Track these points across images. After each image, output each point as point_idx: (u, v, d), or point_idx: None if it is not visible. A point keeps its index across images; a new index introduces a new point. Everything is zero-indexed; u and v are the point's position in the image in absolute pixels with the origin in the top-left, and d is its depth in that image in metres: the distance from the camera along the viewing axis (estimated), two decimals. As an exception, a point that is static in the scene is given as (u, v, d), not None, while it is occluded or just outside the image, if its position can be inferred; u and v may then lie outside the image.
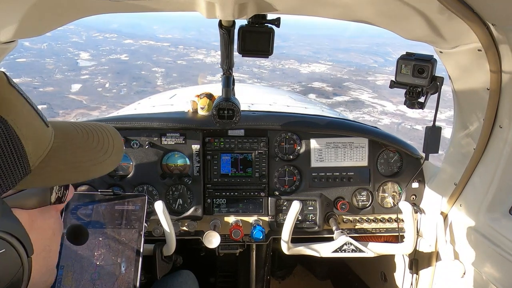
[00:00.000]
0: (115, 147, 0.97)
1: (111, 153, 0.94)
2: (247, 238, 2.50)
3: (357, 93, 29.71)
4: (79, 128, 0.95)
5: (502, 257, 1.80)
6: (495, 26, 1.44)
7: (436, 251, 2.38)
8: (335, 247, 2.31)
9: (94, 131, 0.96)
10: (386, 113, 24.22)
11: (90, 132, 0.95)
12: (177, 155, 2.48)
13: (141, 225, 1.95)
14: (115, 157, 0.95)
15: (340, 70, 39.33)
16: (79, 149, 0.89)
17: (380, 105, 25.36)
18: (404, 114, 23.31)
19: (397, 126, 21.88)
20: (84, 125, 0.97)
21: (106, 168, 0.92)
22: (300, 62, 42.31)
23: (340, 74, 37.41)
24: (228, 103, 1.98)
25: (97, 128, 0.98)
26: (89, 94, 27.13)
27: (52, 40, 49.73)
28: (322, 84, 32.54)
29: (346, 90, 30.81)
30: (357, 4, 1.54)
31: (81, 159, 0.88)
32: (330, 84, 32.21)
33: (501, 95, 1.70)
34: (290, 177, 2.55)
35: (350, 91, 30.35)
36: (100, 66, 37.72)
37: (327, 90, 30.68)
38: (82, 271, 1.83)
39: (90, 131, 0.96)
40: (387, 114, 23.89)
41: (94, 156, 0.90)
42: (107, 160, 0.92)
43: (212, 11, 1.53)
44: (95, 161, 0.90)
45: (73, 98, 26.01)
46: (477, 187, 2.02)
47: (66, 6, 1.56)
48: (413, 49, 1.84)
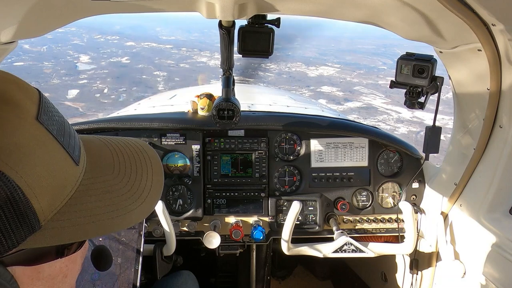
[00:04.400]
0: (152, 189, 0.79)
1: (145, 198, 0.77)
2: (247, 239, 2.50)
3: (369, 98, 28.92)
4: (116, 154, 0.79)
5: (502, 257, 1.80)
6: (495, 26, 1.44)
7: (436, 251, 2.38)
8: (336, 247, 2.31)
9: (134, 161, 0.80)
10: (402, 120, 23.27)
11: (128, 163, 0.79)
12: (177, 156, 2.48)
13: (141, 225, 1.95)
14: (148, 205, 0.77)
15: (350, 73, 38.50)
16: (108, 194, 0.73)
17: (395, 112, 24.53)
18: (422, 121, 21.94)
19: (415, 136, 20.31)
20: (123, 149, 0.81)
21: (134, 219, 0.75)
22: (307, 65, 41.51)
23: (349, 78, 36.62)
24: (228, 103, 1.99)
25: (138, 158, 0.81)
26: (86, 100, 26.46)
27: (52, 43, 49.31)
28: (331, 88, 31.80)
29: (358, 95, 30.00)
30: (357, 5, 1.54)
31: (106, 209, 0.71)
32: (340, 89, 31.48)
33: (501, 95, 1.70)
34: (290, 178, 2.55)
35: (361, 96, 29.58)
36: (100, 70, 37.11)
37: (338, 95, 29.97)
38: (82, 271, 1.83)
39: (129, 161, 0.80)
40: (403, 122, 22.96)
41: (122, 204, 0.74)
42: (137, 208, 0.75)
43: (212, 11, 1.53)
44: (123, 211, 0.73)
45: (69, 105, 25.08)
46: (477, 187, 2.01)
47: (66, 7, 1.56)
48: (420, 50, 1.84)
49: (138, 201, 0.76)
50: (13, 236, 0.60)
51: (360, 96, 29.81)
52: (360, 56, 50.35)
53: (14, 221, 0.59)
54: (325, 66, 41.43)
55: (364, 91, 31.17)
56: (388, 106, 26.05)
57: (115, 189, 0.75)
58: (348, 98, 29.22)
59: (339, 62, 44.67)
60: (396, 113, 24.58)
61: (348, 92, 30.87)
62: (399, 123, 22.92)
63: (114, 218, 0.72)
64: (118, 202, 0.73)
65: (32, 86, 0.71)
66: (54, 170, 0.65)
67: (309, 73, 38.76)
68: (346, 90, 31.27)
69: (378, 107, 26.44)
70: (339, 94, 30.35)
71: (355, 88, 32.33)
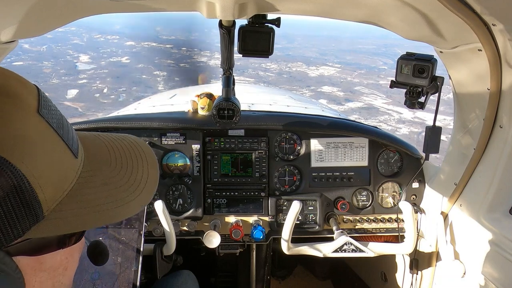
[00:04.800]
0: (148, 182, 0.83)
1: (142, 190, 0.81)
2: (247, 238, 2.50)
3: (370, 98, 28.62)
4: (112, 149, 0.82)
5: (502, 257, 1.80)
6: (495, 26, 1.44)
7: (436, 251, 2.38)
8: (336, 247, 2.31)
9: (129, 155, 0.84)
10: (404, 121, 22.94)
11: (124, 157, 0.83)
12: (177, 155, 2.48)
13: (141, 225, 1.95)
14: (145, 196, 0.81)
15: (350, 73, 38.15)
16: (106, 186, 0.77)
17: (396, 112, 24.20)
18: (423, 122, 21.72)
19: (417, 136, 20.20)
20: (118, 144, 0.84)
21: (133, 209, 0.79)
22: (308, 65, 41.20)
23: (350, 78, 36.29)
24: (228, 103, 1.99)
25: (133, 152, 0.85)
26: (85, 100, 26.07)
27: (52, 42, 48.90)
28: (332, 88, 31.49)
29: (358, 95, 29.71)
30: (357, 5, 1.54)
31: (105, 200, 0.75)
32: (340, 89, 31.17)
33: (501, 95, 1.70)
34: (290, 177, 2.55)
35: (362, 96, 29.30)
36: (99, 70, 36.74)
37: (338, 95, 29.68)
38: (82, 271, 1.83)
39: (125, 155, 0.83)
40: (404, 123, 22.62)
41: (120, 196, 0.77)
42: (135, 199, 0.79)
43: (213, 11, 1.53)
44: (122, 202, 0.77)
45: (68, 105, 24.63)
46: (477, 187, 2.01)
47: (66, 6, 1.56)
48: (420, 50, 1.83)
49: (135, 192, 0.79)
50: (19, 225, 0.62)
51: (361, 96, 29.48)
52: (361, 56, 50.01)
53: (20, 210, 0.62)
54: (326, 66, 41.12)
55: (365, 91, 30.85)
56: (389, 106, 25.75)
57: (112, 182, 0.78)
58: (349, 98, 28.90)
59: (339, 62, 44.35)
60: (397, 113, 24.28)
61: (349, 92, 30.60)
62: (401, 124, 22.66)
63: (113, 208, 0.75)
64: (116, 193, 0.77)
65: (30, 82, 0.73)
66: (56, 161, 0.68)
67: (310, 73, 38.44)
68: (347, 90, 30.96)
69: (379, 107, 26.13)
70: (340, 94, 30.06)
71: (356, 88, 32.02)
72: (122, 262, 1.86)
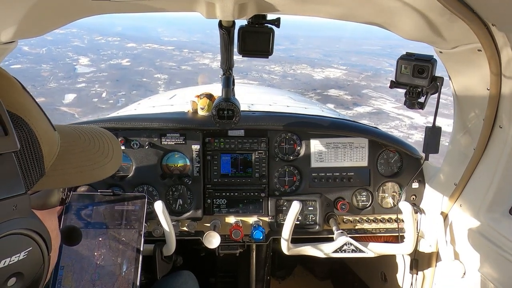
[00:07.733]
0: (115, 151, 1.00)
1: (112, 156, 0.98)
2: (247, 239, 2.50)
3: (378, 102, 27.43)
4: (80, 132, 0.98)
5: (502, 257, 1.80)
6: (495, 26, 1.44)
7: (436, 251, 2.38)
8: (335, 247, 2.31)
9: (94, 135, 1.00)
10: (416, 126, 21.82)
11: (91, 136, 0.98)
12: (177, 155, 2.48)
13: (141, 225, 1.95)
14: (115, 160, 0.99)
15: (357, 75, 36.81)
16: (83, 153, 0.92)
17: (407, 117, 23.05)
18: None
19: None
20: (84, 129, 1.00)
21: (108, 171, 0.95)
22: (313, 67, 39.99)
23: (357, 80, 35.07)
24: (228, 103, 1.99)
25: (96, 133, 1.01)
26: (83, 105, 25.05)
27: (52, 44, 48.25)
28: (339, 91, 30.47)
29: (367, 99, 28.57)
30: (357, 4, 1.54)
31: (85, 163, 0.91)
32: (348, 92, 30.18)
33: (501, 95, 1.70)
34: (290, 178, 2.55)
35: (371, 100, 28.17)
36: (99, 73, 35.90)
37: (346, 99, 28.63)
38: (82, 271, 1.83)
39: (91, 135, 0.99)
40: (417, 129, 21.48)
41: (96, 159, 0.93)
42: (108, 163, 0.95)
43: (212, 11, 1.53)
44: (97, 165, 0.93)
45: (65, 111, 23.67)
46: (477, 187, 2.01)
47: (66, 7, 1.57)
48: (425, 51, 1.83)
49: (107, 157, 0.96)
50: (34, 173, 0.75)
51: (370, 100, 28.48)
52: (366, 57, 49.32)
53: (32, 160, 0.75)
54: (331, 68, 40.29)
55: (373, 94, 29.85)
56: (400, 111, 24.67)
57: (87, 149, 0.94)
58: (357, 102, 27.94)
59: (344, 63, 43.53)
60: (408, 118, 23.21)
61: (357, 95, 29.76)
62: (413, 130, 21.62)
63: (94, 169, 0.91)
64: (93, 158, 0.93)
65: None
66: (46, 127, 0.82)
67: (315, 75, 37.73)
68: (354, 94, 30.01)
69: (389, 112, 25.09)
70: (347, 98, 29.12)
71: (363, 91, 31.00)
72: (122, 263, 1.87)
